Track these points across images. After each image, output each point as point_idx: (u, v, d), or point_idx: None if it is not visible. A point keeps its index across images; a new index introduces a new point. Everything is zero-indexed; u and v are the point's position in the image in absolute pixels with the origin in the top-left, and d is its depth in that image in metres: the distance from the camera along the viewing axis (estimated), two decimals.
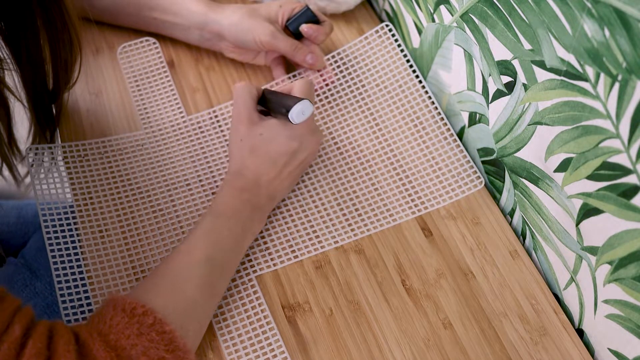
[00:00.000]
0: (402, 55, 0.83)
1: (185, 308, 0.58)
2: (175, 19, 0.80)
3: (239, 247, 0.66)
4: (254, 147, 0.68)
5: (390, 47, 0.84)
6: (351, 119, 0.79)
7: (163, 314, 0.55)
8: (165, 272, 0.60)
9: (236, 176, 0.68)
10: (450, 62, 0.75)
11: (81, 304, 0.66)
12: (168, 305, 0.57)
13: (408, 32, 0.83)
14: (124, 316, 0.54)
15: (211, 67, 0.84)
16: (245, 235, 0.66)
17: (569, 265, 0.64)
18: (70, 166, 0.74)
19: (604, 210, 0.56)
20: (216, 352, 0.63)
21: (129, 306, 0.55)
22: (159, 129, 0.78)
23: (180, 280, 0.60)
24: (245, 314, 0.65)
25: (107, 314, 0.54)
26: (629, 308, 0.56)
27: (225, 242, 0.64)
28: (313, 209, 0.72)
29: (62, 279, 0.67)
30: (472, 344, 0.64)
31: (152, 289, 0.59)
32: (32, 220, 0.89)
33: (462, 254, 0.69)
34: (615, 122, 0.51)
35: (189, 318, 0.58)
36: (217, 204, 0.66)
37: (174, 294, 0.59)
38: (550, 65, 0.57)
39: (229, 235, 0.64)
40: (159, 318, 0.54)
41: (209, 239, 0.63)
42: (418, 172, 0.75)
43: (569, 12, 0.52)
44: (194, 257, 0.61)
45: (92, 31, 0.86)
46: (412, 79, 0.81)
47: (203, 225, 0.64)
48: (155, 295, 0.58)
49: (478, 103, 0.72)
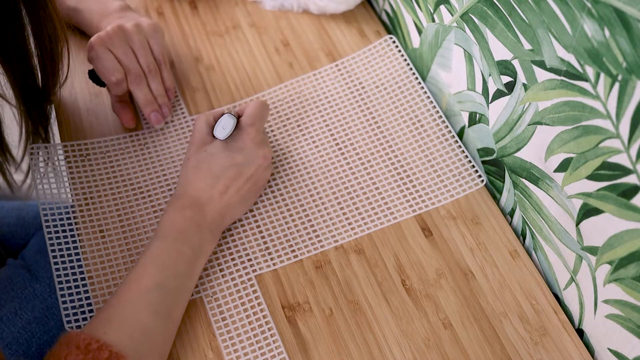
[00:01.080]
0: (403, 59, 0.83)
1: (141, 338, 0.57)
2: None
3: (191, 269, 0.64)
4: (198, 163, 0.67)
5: (388, 48, 0.84)
6: (351, 118, 0.79)
7: (118, 346, 0.54)
8: (117, 303, 0.59)
9: (179, 195, 0.66)
10: (450, 62, 0.75)
11: (81, 304, 0.66)
12: (123, 337, 0.56)
13: (408, 32, 0.83)
14: (78, 353, 0.53)
15: (211, 67, 0.84)
16: (196, 256, 0.64)
17: (569, 265, 0.64)
18: (72, 165, 0.74)
19: (604, 210, 0.56)
20: (216, 352, 0.63)
21: (83, 342, 0.54)
22: (160, 129, 0.78)
23: (132, 310, 0.58)
24: (244, 314, 0.65)
25: (62, 352, 0.54)
26: (629, 308, 0.56)
27: (174, 265, 0.62)
28: (313, 207, 0.72)
29: (62, 279, 0.67)
30: (472, 344, 0.64)
31: (106, 322, 0.58)
32: (32, 221, 0.89)
33: (462, 254, 0.69)
34: (615, 122, 0.51)
35: (146, 347, 0.57)
36: (162, 227, 0.64)
37: (127, 325, 0.57)
38: (550, 65, 0.57)
39: (178, 258, 0.62)
40: (115, 351, 0.54)
41: (156, 264, 0.61)
42: (419, 171, 0.75)
43: (569, 12, 0.52)
44: (143, 284, 0.60)
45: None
46: (411, 80, 0.81)
47: (150, 250, 0.62)
48: (109, 328, 0.57)
49: (478, 103, 0.72)
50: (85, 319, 0.65)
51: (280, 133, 0.78)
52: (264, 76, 0.83)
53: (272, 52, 0.85)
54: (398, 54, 0.83)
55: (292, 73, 0.83)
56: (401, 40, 0.86)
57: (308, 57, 0.85)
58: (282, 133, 0.78)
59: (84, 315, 0.65)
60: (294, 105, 0.80)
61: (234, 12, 0.90)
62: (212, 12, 0.90)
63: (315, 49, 0.85)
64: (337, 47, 0.86)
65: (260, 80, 0.83)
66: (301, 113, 0.79)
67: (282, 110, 0.80)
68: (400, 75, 0.81)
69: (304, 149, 0.76)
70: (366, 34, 0.87)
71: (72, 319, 0.65)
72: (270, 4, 0.90)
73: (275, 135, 0.78)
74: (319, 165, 0.75)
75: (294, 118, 0.79)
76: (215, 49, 0.86)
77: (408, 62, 0.82)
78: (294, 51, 0.85)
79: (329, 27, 0.88)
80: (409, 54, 0.84)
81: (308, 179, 0.74)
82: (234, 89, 0.82)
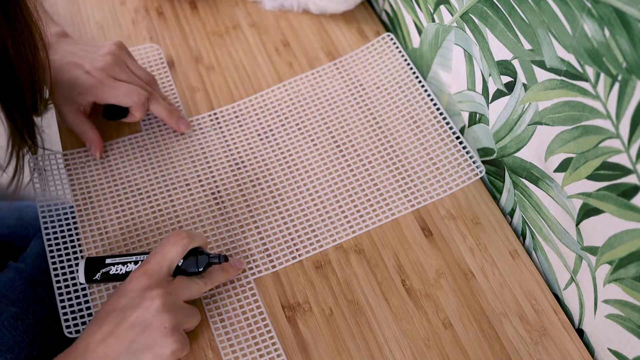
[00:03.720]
0: (401, 55, 0.83)
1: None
2: None
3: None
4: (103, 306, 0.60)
5: (389, 49, 0.84)
6: (350, 117, 0.79)
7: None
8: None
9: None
10: (450, 62, 0.75)
11: (81, 308, 0.66)
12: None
13: (408, 32, 0.83)
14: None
15: (211, 67, 0.84)
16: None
17: (569, 265, 0.64)
18: (70, 167, 0.74)
19: (604, 210, 0.56)
20: (215, 352, 0.63)
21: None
22: (159, 129, 0.78)
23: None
24: (242, 316, 0.65)
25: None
26: (629, 308, 0.56)
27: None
28: (312, 207, 0.72)
29: (62, 284, 0.67)
30: (472, 344, 0.64)
31: None
32: (32, 222, 0.89)
33: (462, 254, 0.69)
34: (615, 122, 0.51)
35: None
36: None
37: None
38: (550, 65, 0.57)
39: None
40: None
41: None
42: (420, 169, 0.74)
43: (569, 12, 0.52)
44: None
45: (92, 32, 0.86)
46: (412, 79, 0.81)
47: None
48: None
49: (478, 103, 0.72)
50: (84, 324, 0.65)
51: (279, 132, 0.78)
52: (264, 76, 0.83)
53: (272, 52, 0.85)
54: (398, 54, 0.83)
55: (292, 73, 0.83)
56: (401, 40, 0.86)
57: (308, 57, 0.85)
58: (281, 132, 0.78)
59: (84, 319, 0.65)
60: (293, 104, 0.80)
61: (234, 12, 0.90)
62: (212, 12, 0.90)
63: (315, 49, 0.85)
64: (337, 47, 0.86)
65: (260, 80, 0.83)
66: (299, 112, 0.79)
67: (281, 110, 0.80)
68: (401, 74, 0.81)
69: (302, 147, 0.76)
70: (366, 33, 0.87)
71: (72, 323, 0.65)
72: (270, 4, 0.90)
73: (274, 135, 0.78)
74: (317, 164, 0.75)
75: (292, 117, 0.79)
76: (215, 49, 0.86)
77: (408, 62, 0.82)
78: (294, 51, 0.85)
79: (329, 27, 0.88)
80: (409, 53, 0.84)
81: (307, 177, 0.74)
82: (234, 89, 0.82)
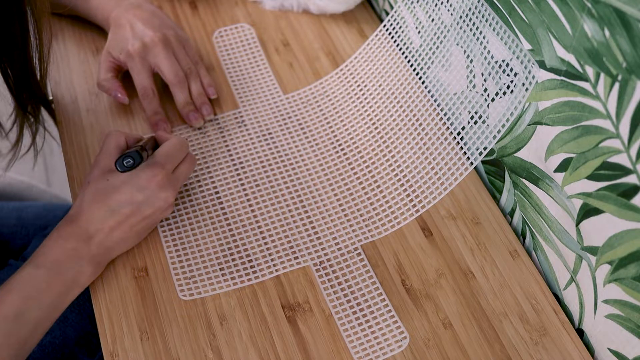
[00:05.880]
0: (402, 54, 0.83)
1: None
2: None
3: (60, 301, 0.60)
4: (97, 191, 0.64)
5: (391, 49, 0.84)
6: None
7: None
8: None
9: (68, 222, 0.63)
10: (450, 62, 0.75)
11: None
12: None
13: (408, 32, 0.83)
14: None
15: (211, 67, 0.84)
16: (69, 289, 0.61)
17: (569, 265, 0.64)
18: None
19: (604, 210, 0.56)
20: (216, 352, 0.63)
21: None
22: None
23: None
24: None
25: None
26: (629, 308, 0.56)
27: (42, 297, 0.59)
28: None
29: None
30: (472, 344, 0.64)
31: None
32: (32, 222, 0.89)
33: (462, 254, 0.69)
34: (615, 122, 0.51)
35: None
36: (39, 253, 0.61)
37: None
38: (550, 65, 0.57)
39: (47, 290, 0.59)
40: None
41: (21, 293, 0.58)
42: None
43: (569, 12, 0.52)
44: (1, 311, 0.56)
45: (92, 31, 0.86)
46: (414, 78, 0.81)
47: (20, 276, 0.59)
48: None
49: (478, 103, 0.72)
50: None
51: (283, 134, 0.78)
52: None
53: (272, 52, 0.86)
54: (398, 52, 0.83)
55: (292, 73, 0.83)
56: (401, 40, 0.86)
57: (308, 57, 0.85)
58: (285, 134, 0.78)
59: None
60: (296, 105, 0.80)
61: (234, 12, 0.90)
62: (212, 12, 0.90)
63: (315, 49, 0.86)
64: (337, 47, 0.86)
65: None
66: (303, 114, 0.79)
67: (285, 111, 0.80)
68: (403, 73, 0.81)
69: (306, 150, 0.76)
70: (366, 34, 0.87)
71: None
72: (270, 4, 0.90)
73: (279, 137, 0.77)
74: (321, 167, 0.75)
75: (296, 118, 0.79)
76: (216, 49, 0.86)
77: (409, 60, 0.82)
78: (294, 51, 0.85)
79: (329, 27, 0.88)
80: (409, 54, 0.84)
81: (310, 180, 0.74)
82: (234, 89, 0.82)
